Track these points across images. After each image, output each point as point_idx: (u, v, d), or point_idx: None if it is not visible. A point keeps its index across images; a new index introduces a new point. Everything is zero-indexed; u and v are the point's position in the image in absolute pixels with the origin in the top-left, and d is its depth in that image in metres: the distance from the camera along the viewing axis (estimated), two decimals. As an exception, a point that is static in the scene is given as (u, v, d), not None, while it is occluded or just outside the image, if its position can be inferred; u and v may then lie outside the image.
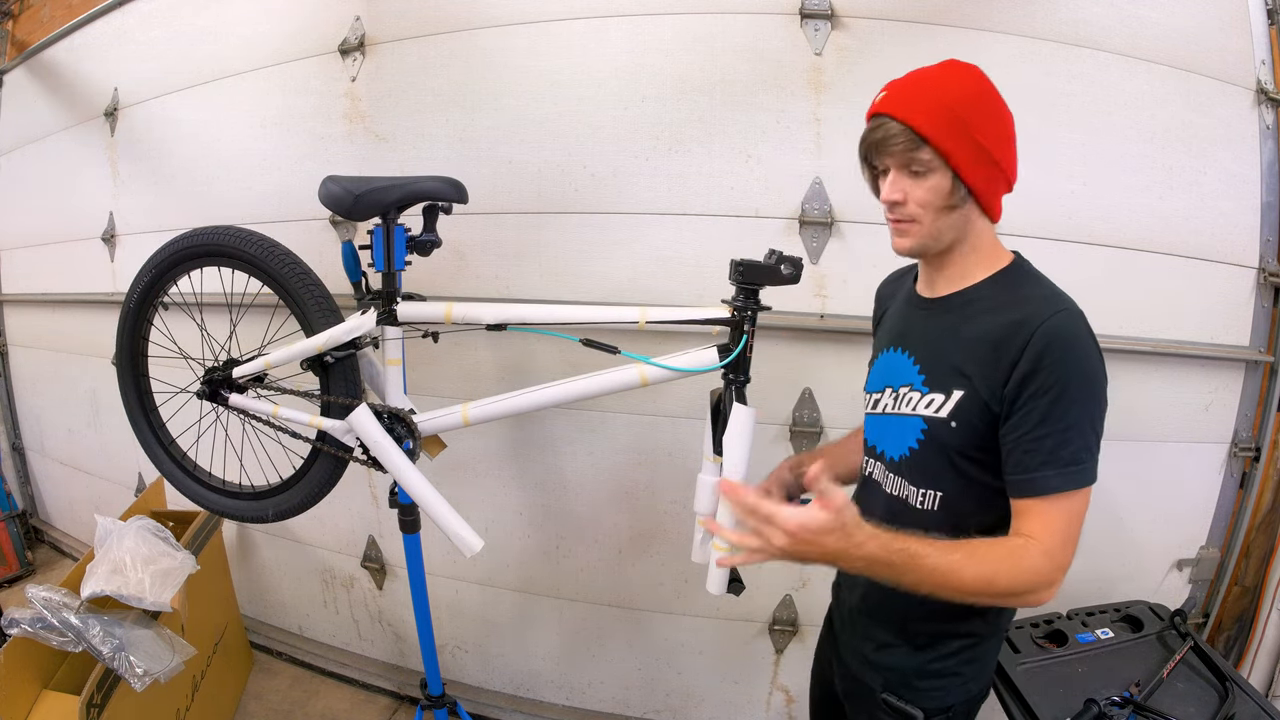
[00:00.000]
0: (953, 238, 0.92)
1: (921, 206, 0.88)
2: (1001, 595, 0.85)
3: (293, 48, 1.90)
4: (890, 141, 0.87)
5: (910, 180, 0.88)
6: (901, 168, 0.88)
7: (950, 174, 0.86)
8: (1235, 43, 1.56)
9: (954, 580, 0.82)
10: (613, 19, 1.62)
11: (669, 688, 1.98)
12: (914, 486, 0.96)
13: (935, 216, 0.89)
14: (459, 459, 1.86)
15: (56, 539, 3.10)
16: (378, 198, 1.26)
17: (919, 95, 0.87)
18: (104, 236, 2.40)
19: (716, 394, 1.09)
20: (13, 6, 2.76)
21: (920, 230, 0.90)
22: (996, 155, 0.87)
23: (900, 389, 0.98)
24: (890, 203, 0.91)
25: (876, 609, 1.05)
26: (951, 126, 0.85)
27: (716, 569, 1.05)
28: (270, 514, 1.43)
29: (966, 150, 0.85)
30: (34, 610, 1.51)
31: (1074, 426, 0.84)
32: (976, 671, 1.02)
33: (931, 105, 0.85)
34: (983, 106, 0.87)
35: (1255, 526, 1.78)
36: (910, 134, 0.85)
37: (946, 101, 0.85)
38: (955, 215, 0.89)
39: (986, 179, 0.88)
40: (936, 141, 0.85)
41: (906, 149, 0.86)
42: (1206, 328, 1.64)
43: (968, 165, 0.86)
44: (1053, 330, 0.84)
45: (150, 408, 1.58)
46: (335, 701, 2.19)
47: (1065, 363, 0.83)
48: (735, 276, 1.04)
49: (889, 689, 1.03)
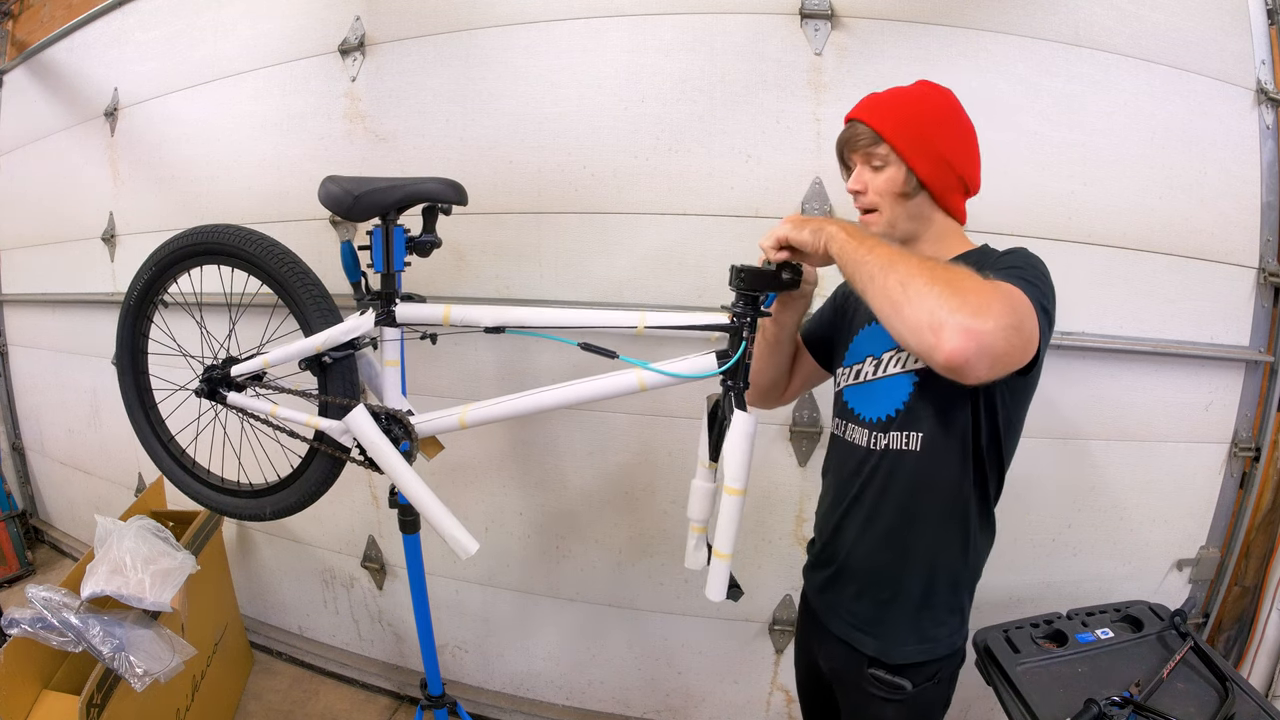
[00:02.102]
0: (912, 229, 1.03)
1: (879, 195, 1.02)
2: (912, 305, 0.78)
3: (293, 48, 1.90)
4: (856, 140, 1.03)
5: (871, 173, 1.02)
6: (864, 163, 1.03)
7: (904, 167, 0.99)
8: (1235, 43, 1.56)
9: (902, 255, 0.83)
10: (612, 19, 1.62)
11: (669, 688, 1.98)
12: (899, 431, 1.03)
13: (892, 204, 1.01)
14: (459, 459, 1.86)
15: (56, 539, 3.10)
16: (377, 199, 1.26)
17: (886, 104, 1.02)
18: (104, 236, 2.40)
19: (713, 400, 1.08)
20: (13, 6, 2.76)
21: (880, 219, 1.03)
22: (951, 156, 1.00)
23: (883, 355, 1.06)
24: (853, 192, 1.05)
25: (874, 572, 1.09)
26: (908, 127, 0.99)
27: (715, 576, 1.05)
28: (268, 512, 1.43)
29: (919, 148, 0.99)
30: (34, 610, 1.51)
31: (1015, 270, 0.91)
32: (959, 625, 1.09)
33: (895, 113, 1.01)
34: (940, 116, 1.02)
35: (1255, 526, 1.78)
36: (872, 133, 1.00)
37: (908, 110, 1.01)
38: (910, 204, 1.01)
39: (938, 175, 1.00)
40: (892, 139, 0.99)
41: (868, 145, 1.01)
42: (1206, 328, 1.64)
43: (918, 159, 0.99)
44: (1007, 253, 0.98)
45: (150, 404, 1.58)
46: (335, 701, 2.19)
47: (1014, 257, 0.96)
48: (735, 283, 1.03)
49: (875, 662, 1.07)
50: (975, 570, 1.09)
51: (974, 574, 1.09)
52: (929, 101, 1.02)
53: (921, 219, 1.03)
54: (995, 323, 0.75)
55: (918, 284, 0.78)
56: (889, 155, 1.00)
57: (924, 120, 1.00)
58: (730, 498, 1.00)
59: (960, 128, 1.04)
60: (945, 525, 1.04)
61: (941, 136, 1.00)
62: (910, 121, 1.00)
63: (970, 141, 1.05)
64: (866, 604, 1.09)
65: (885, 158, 1.00)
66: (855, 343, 1.14)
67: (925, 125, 1.00)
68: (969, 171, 1.04)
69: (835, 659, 1.15)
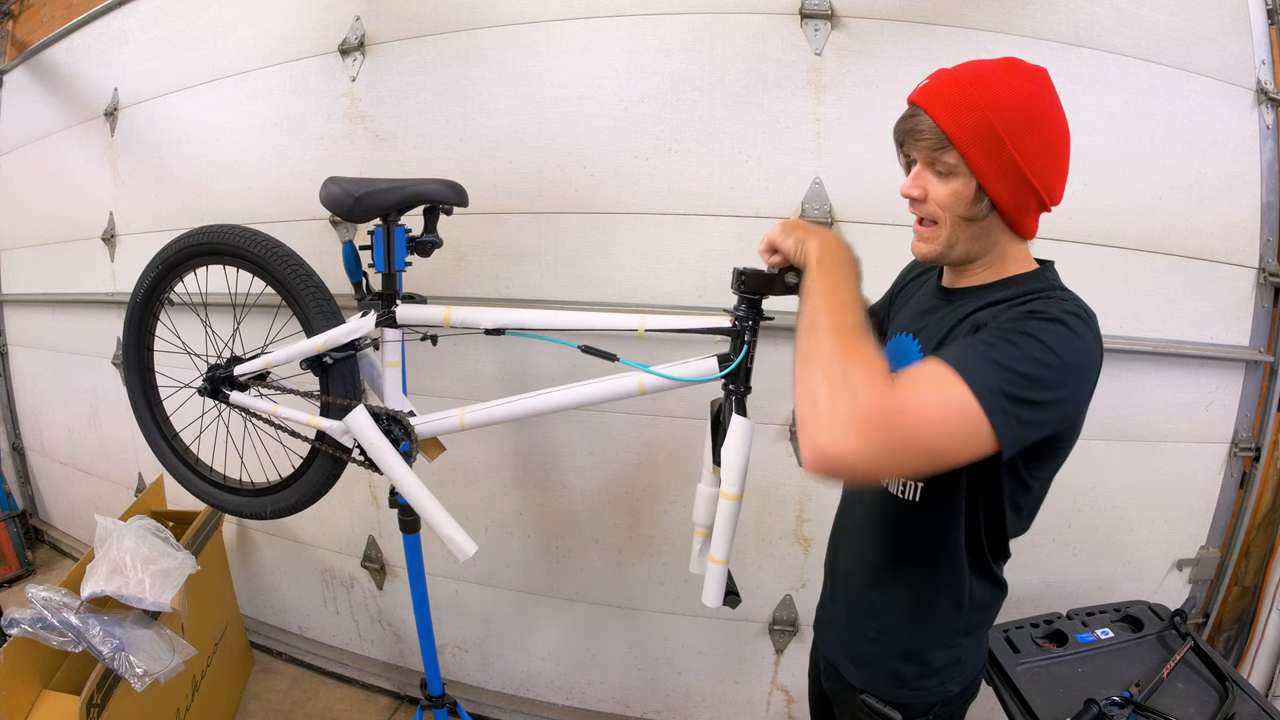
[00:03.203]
0: (972, 251, 0.88)
1: (941, 207, 0.85)
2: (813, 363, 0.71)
3: (293, 48, 1.90)
4: (918, 135, 0.83)
5: (934, 178, 0.84)
6: (927, 165, 0.85)
7: (974, 183, 0.81)
8: (1235, 43, 1.56)
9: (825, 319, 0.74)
10: (612, 19, 1.62)
11: (669, 688, 1.98)
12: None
13: (954, 223, 0.85)
14: (459, 460, 1.86)
15: (56, 539, 3.10)
16: (378, 200, 1.26)
17: (959, 93, 0.81)
18: (104, 236, 2.40)
19: (717, 404, 1.07)
20: (13, 6, 2.76)
21: (940, 235, 0.87)
22: (1032, 174, 0.81)
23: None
24: (909, 197, 0.87)
25: (862, 604, 1.05)
26: (983, 135, 0.79)
27: (711, 581, 1.05)
28: (268, 511, 1.43)
29: (996, 163, 0.80)
30: (34, 610, 1.51)
31: (992, 346, 0.74)
32: (957, 672, 1.00)
33: (968, 107, 0.80)
34: (1027, 119, 0.80)
35: (1255, 526, 1.78)
36: (938, 132, 0.81)
37: (985, 107, 0.79)
38: (975, 228, 0.85)
39: (1014, 196, 0.82)
40: (962, 147, 0.80)
41: (932, 147, 0.82)
42: (1206, 328, 1.64)
43: (994, 178, 0.81)
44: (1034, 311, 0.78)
45: (155, 402, 1.59)
46: (335, 701, 2.19)
47: (1029, 322, 0.76)
48: (737, 286, 1.02)
49: (870, 688, 1.02)
50: (974, 624, 1.00)
51: (973, 627, 1.00)
52: (1016, 96, 0.80)
53: (986, 240, 0.87)
54: (860, 442, 0.64)
55: (821, 358, 0.70)
56: (958, 166, 0.81)
57: (1008, 123, 0.79)
58: (726, 503, 1.00)
59: (1052, 129, 0.83)
60: (935, 579, 0.96)
61: (1028, 144, 0.80)
62: (988, 122, 0.79)
63: (1061, 146, 0.84)
64: (856, 636, 1.05)
65: (954, 167, 0.82)
66: (888, 349, 1.03)
67: (1009, 130, 0.79)
68: (1053, 183, 0.84)
69: (832, 679, 1.11)
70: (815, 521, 1.75)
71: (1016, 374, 0.71)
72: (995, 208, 0.83)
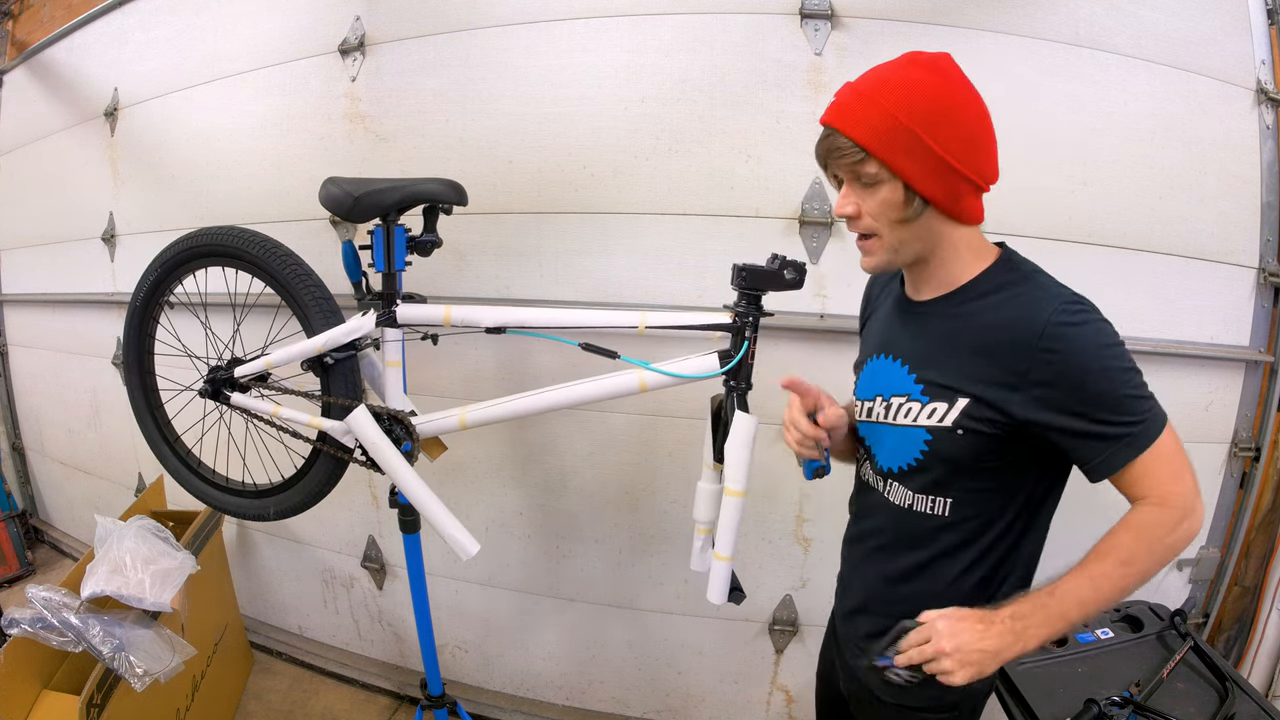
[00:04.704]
0: (920, 249, 0.89)
1: (874, 218, 0.86)
2: (1158, 564, 0.86)
3: (293, 48, 1.90)
4: (837, 153, 0.84)
5: (862, 191, 0.85)
6: (853, 180, 0.86)
7: (901, 185, 0.82)
8: (1235, 43, 1.56)
9: (1109, 593, 0.85)
10: (612, 19, 1.62)
11: (669, 688, 1.98)
12: (922, 494, 0.94)
13: (892, 229, 0.86)
14: (459, 460, 1.86)
15: (56, 539, 3.10)
16: (377, 200, 1.26)
17: (865, 103, 0.83)
18: (104, 236, 2.40)
19: (717, 400, 1.08)
20: (13, 6, 2.75)
21: (881, 244, 0.88)
22: (956, 161, 0.82)
23: (893, 398, 0.95)
24: (843, 216, 0.88)
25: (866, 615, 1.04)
26: (898, 136, 0.80)
27: (716, 578, 1.04)
28: (271, 512, 1.44)
29: (917, 160, 0.81)
30: (34, 610, 1.51)
31: (1108, 394, 0.82)
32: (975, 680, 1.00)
33: (878, 114, 0.81)
34: (939, 110, 0.81)
35: (1255, 526, 1.78)
36: (854, 146, 0.82)
37: (893, 109, 0.80)
38: (915, 227, 0.86)
39: (945, 187, 0.83)
40: (880, 154, 0.81)
41: (852, 161, 0.83)
42: (1206, 328, 1.64)
43: (919, 175, 0.82)
44: (1054, 326, 0.81)
45: (156, 404, 1.59)
46: (335, 701, 2.19)
47: (1073, 352, 0.81)
48: (737, 282, 1.02)
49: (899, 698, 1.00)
50: None
51: None
52: (922, 90, 0.82)
53: (931, 235, 0.87)
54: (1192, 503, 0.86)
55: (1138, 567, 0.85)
56: (880, 172, 0.82)
57: (919, 119, 0.80)
58: (731, 499, 1.00)
59: (965, 113, 0.84)
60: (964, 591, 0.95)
61: (944, 134, 0.81)
62: (900, 124, 0.80)
63: (980, 126, 0.85)
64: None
65: (877, 175, 0.83)
66: (865, 374, 1.03)
67: (922, 125, 0.80)
68: (982, 165, 0.85)
69: (853, 684, 1.09)
70: (815, 521, 1.75)
71: (1125, 370, 0.85)
72: (930, 203, 0.84)
